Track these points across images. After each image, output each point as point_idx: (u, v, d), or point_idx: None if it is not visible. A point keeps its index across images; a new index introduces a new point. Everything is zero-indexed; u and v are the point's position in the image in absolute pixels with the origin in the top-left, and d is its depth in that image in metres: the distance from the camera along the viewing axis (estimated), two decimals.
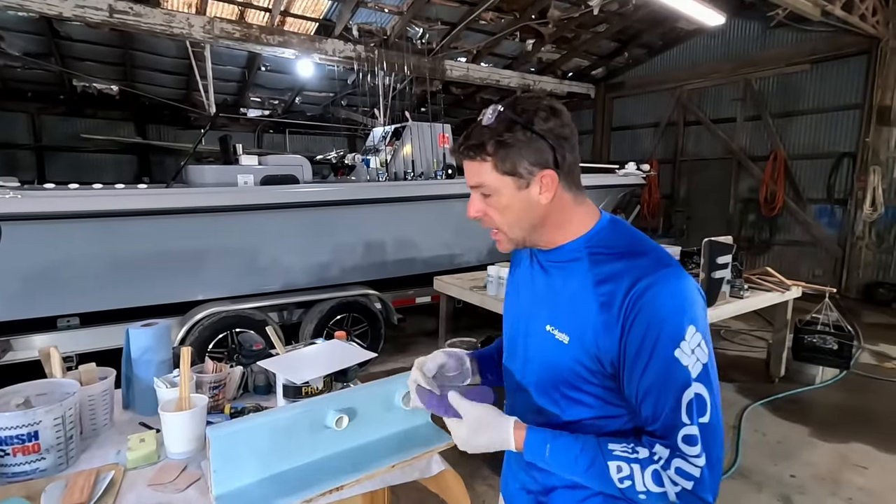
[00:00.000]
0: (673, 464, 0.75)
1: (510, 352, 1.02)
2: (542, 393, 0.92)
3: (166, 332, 1.48)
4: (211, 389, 1.44)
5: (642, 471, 0.76)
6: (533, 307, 0.94)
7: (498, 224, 0.89)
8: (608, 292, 0.80)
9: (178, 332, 3.48)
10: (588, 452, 0.80)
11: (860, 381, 4.00)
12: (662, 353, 0.76)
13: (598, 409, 0.86)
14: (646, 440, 0.79)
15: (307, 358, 1.51)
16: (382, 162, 4.88)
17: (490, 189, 0.85)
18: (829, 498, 2.56)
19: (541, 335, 0.90)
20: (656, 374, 0.76)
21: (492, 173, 0.83)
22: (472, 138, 0.84)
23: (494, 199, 0.86)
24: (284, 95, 9.58)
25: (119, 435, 1.31)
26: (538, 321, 0.91)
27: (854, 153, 6.87)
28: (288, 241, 3.94)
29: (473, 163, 0.85)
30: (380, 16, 6.95)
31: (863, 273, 6.79)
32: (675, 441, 0.76)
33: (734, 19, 7.59)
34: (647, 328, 0.76)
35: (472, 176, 0.87)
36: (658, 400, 0.77)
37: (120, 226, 3.27)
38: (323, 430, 1.19)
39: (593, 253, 0.85)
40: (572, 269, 0.87)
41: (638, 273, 0.78)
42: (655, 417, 0.78)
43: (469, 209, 0.90)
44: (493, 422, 0.85)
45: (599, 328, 0.80)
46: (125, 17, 5.02)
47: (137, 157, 9.42)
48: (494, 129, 0.82)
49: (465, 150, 0.85)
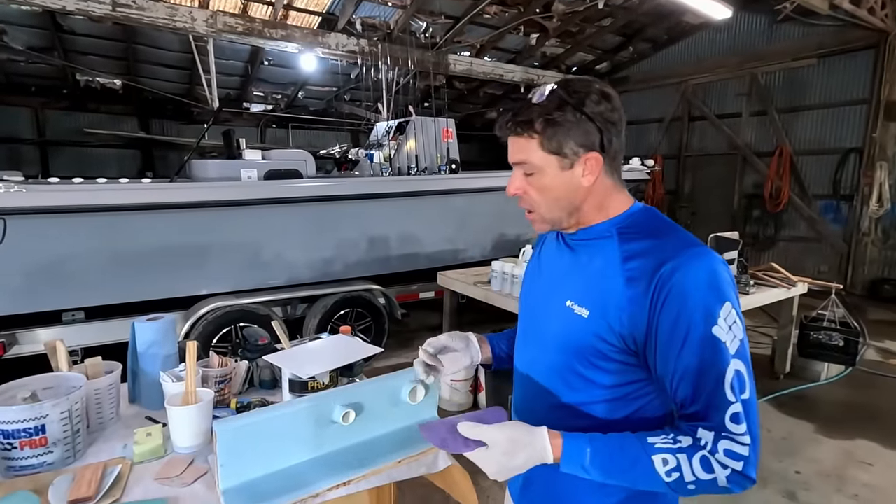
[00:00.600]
0: (720, 446, 0.73)
1: (524, 337, 1.01)
2: (555, 373, 0.91)
3: (172, 325, 1.47)
4: (217, 384, 1.43)
5: (689, 459, 0.73)
6: (554, 286, 0.94)
7: (536, 203, 0.88)
8: (635, 268, 0.80)
9: (183, 327, 3.48)
10: (629, 450, 0.75)
11: (865, 378, 3.99)
12: (700, 333, 0.74)
13: (611, 390, 0.85)
14: (686, 427, 0.76)
15: (313, 353, 1.50)
16: (386, 157, 4.86)
17: (533, 167, 0.85)
18: (835, 494, 2.55)
19: (559, 312, 0.89)
20: (696, 354, 0.74)
21: (537, 151, 0.83)
22: (520, 114, 0.84)
23: (536, 178, 0.86)
24: (287, 90, 9.56)
25: (126, 429, 1.31)
26: (558, 298, 0.90)
27: (861, 149, 6.81)
28: (292, 235, 3.94)
29: (519, 139, 0.85)
30: (383, 9, 6.92)
31: (868, 269, 6.75)
32: (721, 421, 0.73)
33: (741, 13, 7.52)
34: (680, 309, 0.75)
35: (516, 152, 0.86)
36: (699, 380, 0.75)
37: (124, 220, 3.27)
38: (329, 425, 1.19)
39: (623, 232, 0.86)
40: (600, 246, 0.87)
41: (666, 253, 0.78)
42: (696, 398, 0.75)
43: (509, 187, 0.89)
44: (526, 438, 0.77)
45: (624, 303, 0.79)
46: (128, 10, 5.00)
47: (141, 151, 9.42)
48: (545, 106, 0.82)
49: (514, 125, 0.84)
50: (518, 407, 1.03)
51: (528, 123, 0.83)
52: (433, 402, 1.37)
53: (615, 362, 0.83)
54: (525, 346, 1.00)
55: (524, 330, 1.01)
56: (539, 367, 0.95)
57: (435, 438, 0.83)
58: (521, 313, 1.04)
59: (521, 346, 1.02)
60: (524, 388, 1.00)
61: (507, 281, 3.18)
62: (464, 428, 0.80)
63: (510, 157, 0.87)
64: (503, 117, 0.86)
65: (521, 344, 1.02)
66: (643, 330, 0.78)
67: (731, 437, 0.73)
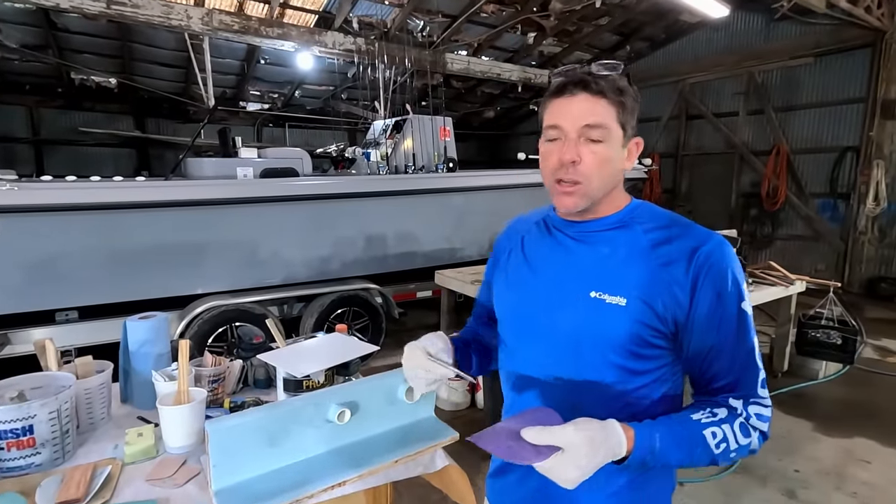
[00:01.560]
0: (751, 411, 0.79)
1: (521, 337, 0.94)
2: (585, 369, 0.85)
3: (164, 324, 1.45)
4: (210, 383, 1.41)
5: (732, 428, 0.77)
6: (563, 281, 0.88)
7: (590, 174, 0.82)
8: (669, 253, 0.82)
9: (178, 326, 3.46)
10: (687, 430, 0.77)
11: (863, 376, 3.99)
12: (735, 309, 0.80)
13: (644, 376, 0.84)
14: (718, 399, 0.81)
15: (308, 351, 1.48)
16: (383, 155, 4.84)
17: (607, 134, 0.81)
18: (834, 492, 2.54)
19: (583, 304, 0.84)
20: (731, 329, 0.80)
21: (614, 119, 0.82)
22: (604, 77, 0.81)
23: (603, 147, 0.81)
24: (284, 89, 9.53)
25: (117, 429, 1.28)
26: (575, 292, 0.86)
27: (857, 147, 6.82)
28: (288, 234, 3.91)
29: (600, 100, 0.81)
30: (380, 8, 6.89)
31: (865, 268, 6.77)
32: (753, 389, 0.80)
33: (738, 12, 7.53)
34: (719, 288, 0.79)
35: (590, 115, 0.80)
36: (734, 352, 0.80)
37: (118, 219, 3.24)
38: (325, 425, 1.16)
39: (639, 222, 0.86)
40: (618, 237, 0.86)
41: (698, 237, 0.82)
42: (730, 370, 0.81)
43: (568, 152, 0.81)
44: (601, 434, 0.72)
45: (664, 286, 0.80)
46: (122, 8, 4.96)
47: (136, 150, 9.38)
48: (621, 79, 0.82)
49: (604, 83, 0.81)
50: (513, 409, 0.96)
51: (616, 88, 0.81)
52: (430, 401, 1.34)
53: (653, 347, 0.83)
54: (528, 345, 0.93)
55: (521, 332, 0.94)
56: (556, 367, 0.88)
57: (498, 448, 0.73)
58: (511, 315, 0.97)
59: (520, 346, 0.95)
60: (531, 392, 0.92)
61: None
62: (531, 434, 0.71)
63: (580, 117, 0.81)
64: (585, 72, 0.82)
65: (520, 344, 0.95)
66: (685, 310, 0.81)
67: (759, 402, 0.80)
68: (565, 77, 0.84)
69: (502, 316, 0.99)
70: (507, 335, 0.98)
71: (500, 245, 1.06)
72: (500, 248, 1.06)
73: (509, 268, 0.99)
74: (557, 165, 0.83)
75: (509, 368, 0.98)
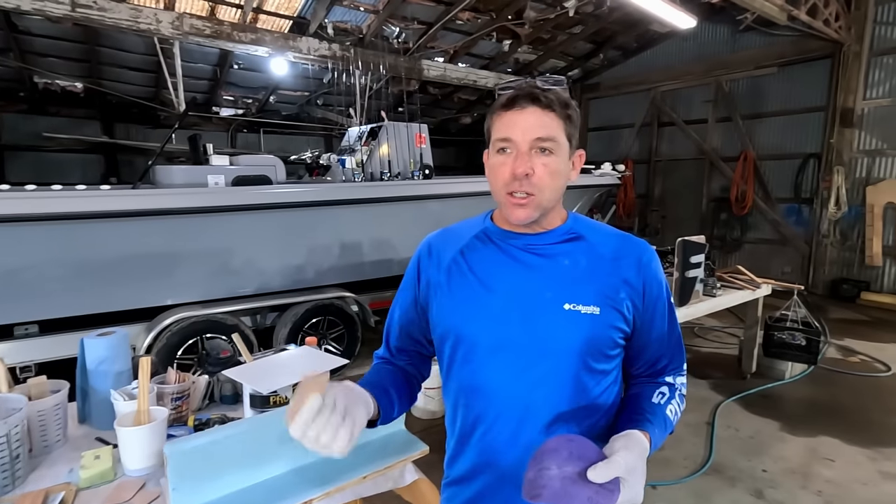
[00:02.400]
0: (679, 381, 0.96)
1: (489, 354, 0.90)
2: (564, 379, 0.87)
3: (124, 341, 1.40)
4: (173, 401, 1.37)
5: (676, 400, 0.93)
6: (531, 294, 0.87)
7: (542, 186, 0.85)
8: (624, 262, 0.91)
9: (146, 339, 3.36)
10: (659, 416, 0.89)
11: (827, 376, 4.12)
12: (667, 302, 0.95)
13: (611, 374, 0.94)
14: (659, 379, 0.96)
15: (276, 366, 1.45)
16: (358, 162, 4.81)
17: (557, 147, 0.85)
18: (800, 491, 2.61)
19: (559, 317, 0.86)
20: (667, 319, 0.95)
21: (561, 132, 0.86)
22: (551, 91, 0.86)
23: (553, 160, 0.85)
24: (258, 94, 9.39)
25: (73, 452, 1.24)
26: (547, 305, 0.87)
27: (819, 154, 7.09)
28: (261, 243, 3.85)
29: (549, 114, 0.84)
30: (355, 14, 6.87)
31: (828, 270, 7.02)
32: (682, 361, 0.98)
33: (705, 23, 7.76)
34: (657, 287, 0.93)
35: (541, 128, 0.83)
36: (669, 337, 0.95)
37: (82, 229, 3.13)
38: (291, 442, 1.14)
39: (587, 234, 0.93)
40: (574, 248, 0.91)
41: (639, 247, 0.94)
42: (666, 353, 0.96)
43: (520, 165, 0.83)
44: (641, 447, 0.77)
45: (624, 293, 0.89)
46: (88, 11, 4.82)
47: (104, 156, 9.09)
48: (563, 94, 0.87)
49: (554, 99, 0.84)
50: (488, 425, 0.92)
51: (562, 102, 0.85)
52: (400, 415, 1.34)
53: (618, 347, 0.92)
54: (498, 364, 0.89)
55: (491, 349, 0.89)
56: (532, 379, 0.87)
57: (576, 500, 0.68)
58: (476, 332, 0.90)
59: (487, 366, 0.90)
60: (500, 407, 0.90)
61: None
62: (597, 474, 0.69)
63: (529, 132, 0.83)
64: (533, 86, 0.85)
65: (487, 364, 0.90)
66: (640, 310, 0.91)
67: (682, 373, 0.98)
68: (515, 90, 0.85)
69: (453, 333, 0.93)
70: (466, 352, 0.92)
71: (423, 264, 0.99)
72: (426, 266, 0.99)
73: (452, 284, 0.94)
74: (510, 178, 0.84)
75: (469, 384, 0.93)
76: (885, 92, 6.45)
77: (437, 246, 1.00)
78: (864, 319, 5.83)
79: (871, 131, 6.61)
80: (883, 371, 4.21)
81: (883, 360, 4.42)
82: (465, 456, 0.96)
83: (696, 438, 3.13)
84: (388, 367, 1.03)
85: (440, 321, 0.95)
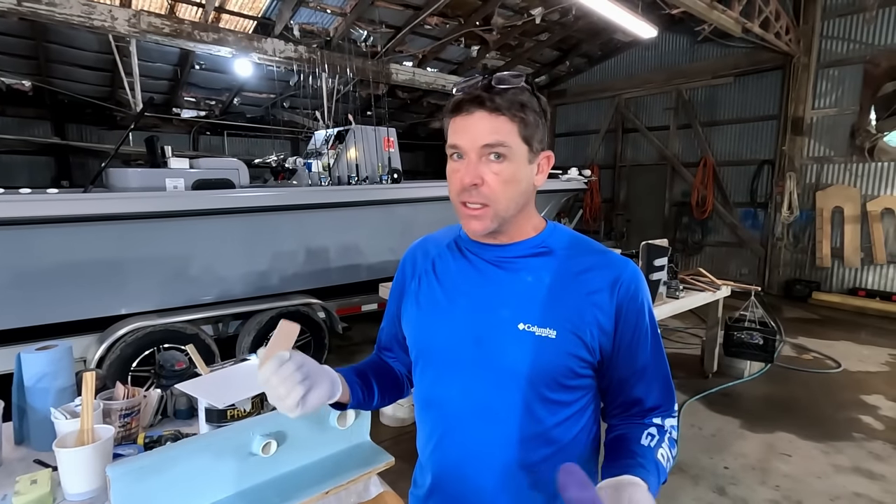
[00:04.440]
0: (668, 424, 0.84)
1: (442, 367, 0.87)
2: (511, 400, 0.81)
3: (67, 355, 1.31)
4: (122, 417, 1.29)
5: (666, 445, 0.81)
6: (487, 310, 0.83)
7: (495, 196, 0.77)
8: (592, 281, 0.81)
9: (97, 351, 3.18)
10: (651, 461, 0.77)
11: (783, 373, 4.29)
12: (653, 333, 0.84)
13: (571, 406, 0.84)
14: (646, 420, 0.84)
15: (234, 378, 1.39)
16: (325, 166, 4.73)
17: (509, 152, 0.76)
18: (759, 486, 2.69)
19: (511, 337, 0.80)
20: (652, 352, 0.84)
21: (515, 136, 0.76)
22: (504, 92, 0.75)
23: (506, 167, 0.76)
24: (222, 96, 9.15)
25: (7, 476, 1.14)
26: (501, 324, 0.81)
27: (773, 160, 7.43)
28: (223, 248, 3.72)
29: (499, 118, 0.75)
30: (322, 16, 6.78)
31: (782, 271, 7.34)
32: (672, 402, 0.85)
33: (665, 33, 8.03)
34: (639, 314, 0.82)
35: (489, 133, 0.75)
36: (655, 373, 0.84)
37: (28, 235, 2.95)
38: (248, 458, 1.09)
39: (560, 248, 0.84)
40: (541, 264, 0.83)
41: (618, 266, 0.83)
42: (651, 390, 0.84)
43: (467, 174, 0.77)
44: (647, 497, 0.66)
45: (592, 316, 0.80)
46: (36, 5, 4.58)
47: (55, 159, 8.65)
48: (522, 91, 0.77)
49: (500, 100, 0.74)
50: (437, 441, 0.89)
51: (515, 103, 0.75)
52: (365, 425, 1.30)
53: (580, 377, 0.83)
54: (450, 378, 0.86)
55: (444, 362, 0.86)
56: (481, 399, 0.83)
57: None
58: (431, 344, 0.89)
59: (441, 380, 0.88)
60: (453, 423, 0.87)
61: None
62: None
63: (477, 138, 0.75)
64: (478, 86, 0.76)
65: (441, 377, 0.88)
66: (611, 337, 0.81)
67: (672, 415, 0.85)
68: (462, 94, 0.78)
69: (416, 343, 0.92)
70: (424, 364, 0.91)
71: (405, 270, 0.98)
72: (406, 272, 0.98)
73: (420, 293, 0.92)
74: (460, 188, 0.78)
75: (426, 397, 0.92)
76: (832, 102, 6.81)
77: (417, 254, 0.98)
78: (815, 318, 6.12)
79: (820, 139, 6.97)
80: (833, 367, 4.41)
81: (833, 357, 4.63)
82: (425, 470, 0.94)
83: None
84: (379, 361, 1.06)
85: (407, 330, 0.95)
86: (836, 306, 6.58)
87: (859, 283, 6.74)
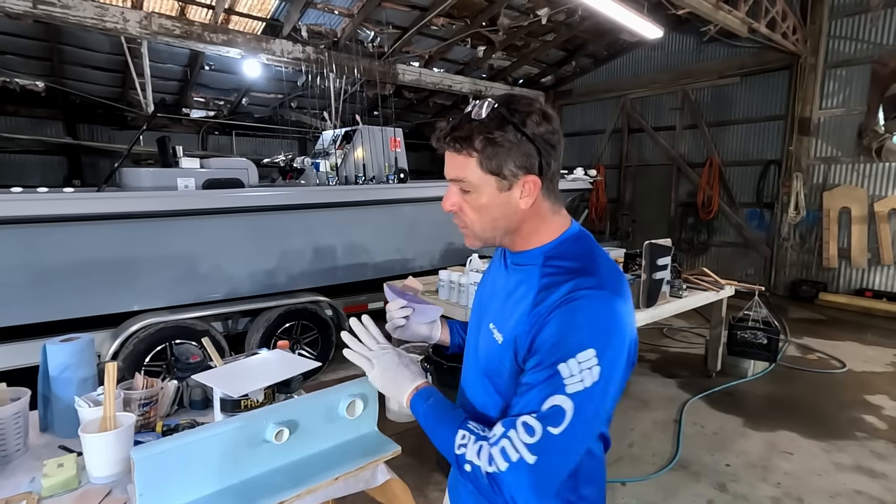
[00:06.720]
0: (500, 443, 0.74)
1: (468, 342, 1.03)
2: (481, 386, 0.93)
3: (89, 346, 1.37)
4: (141, 407, 1.35)
5: (476, 443, 0.78)
6: (487, 304, 0.97)
7: (471, 221, 0.87)
8: (545, 297, 0.78)
9: (111, 346, 3.26)
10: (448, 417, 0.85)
11: (786, 373, 4.30)
12: (550, 361, 0.74)
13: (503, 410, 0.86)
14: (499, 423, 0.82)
15: (247, 370, 1.45)
16: (332, 165, 4.80)
17: (470, 186, 0.83)
18: (760, 483, 2.72)
19: (486, 331, 0.92)
20: (538, 376, 0.75)
21: (475, 170, 0.81)
22: (459, 129, 0.81)
23: (473, 197, 0.84)
24: (230, 96, 9.25)
25: (35, 461, 1.20)
26: (486, 318, 0.93)
27: (779, 160, 7.41)
28: (233, 247, 3.79)
29: (458, 156, 0.82)
30: (329, 17, 6.84)
31: (788, 272, 7.32)
32: (514, 421, 0.74)
33: (671, 33, 8.02)
34: (553, 334, 0.75)
35: (453, 169, 0.84)
36: (527, 394, 0.75)
37: (45, 233, 3.03)
38: (262, 445, 1.15)
39: (548, 262, 0.84)
40: (527, 273, 0.86)
41: (575, 286, 0.77)
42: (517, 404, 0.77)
43: (444, 202, 0.88)
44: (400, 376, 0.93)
45: (525, 330, 0.79)
46: (51, 8, 4.68)
47: (68, 158, 8.79)
48: (486, 124, 0.79)
49: (452, 141, 0.82)
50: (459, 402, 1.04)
51: (467, 140, 0.80)
52: (372, 416, 1.35)
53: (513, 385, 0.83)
54: (468, 350, 1.03)
55: (469, 338, 1.04)
56: (474, 372, 0.97)
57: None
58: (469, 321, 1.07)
59: (466, 350, 1.05)
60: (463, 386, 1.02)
61: (455, 290, 3.20)
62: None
63: (447, 172, 0.85)
64: (440, 131, 0.84)
65: (466, 348, 1.05)
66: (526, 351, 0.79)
67: (514, 441, 0.73)
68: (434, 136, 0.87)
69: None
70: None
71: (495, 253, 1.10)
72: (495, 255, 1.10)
73: (482, 279, 1.07)
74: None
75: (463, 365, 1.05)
76: (839, 102, 6.79)
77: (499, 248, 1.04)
78: (821, 319, 6.11)
79: (827, 139, 6.95)
80: (838, 368, 4.42)
81: (838, 358, 4.64)
82: None
83: (663, 435, 3.23)
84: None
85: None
86: (843, 307, 6.56)
87: (866, 283, 6.72)
